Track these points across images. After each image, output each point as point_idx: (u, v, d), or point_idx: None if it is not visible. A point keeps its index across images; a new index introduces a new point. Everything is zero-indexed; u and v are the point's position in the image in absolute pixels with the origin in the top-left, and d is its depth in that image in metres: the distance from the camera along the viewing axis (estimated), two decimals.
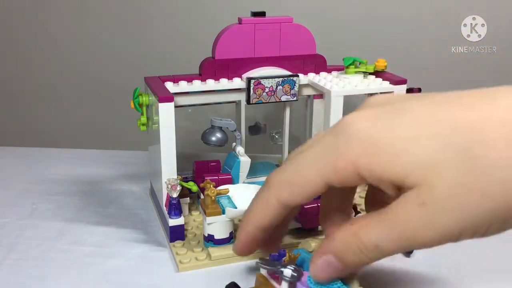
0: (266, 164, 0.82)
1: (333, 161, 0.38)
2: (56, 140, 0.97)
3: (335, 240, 0.41)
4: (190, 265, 0.57)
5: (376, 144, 0.37)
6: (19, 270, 0.57)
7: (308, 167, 0.40)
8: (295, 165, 0.41)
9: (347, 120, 0.39)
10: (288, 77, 0.69)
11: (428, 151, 0.35)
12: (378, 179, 0.37)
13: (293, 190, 0.41)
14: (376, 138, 0.37)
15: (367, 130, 0.38)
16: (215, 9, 0.90)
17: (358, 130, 0.38)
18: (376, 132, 0.37)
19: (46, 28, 0.93)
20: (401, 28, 0.90)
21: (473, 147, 0.34)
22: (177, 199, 0.60)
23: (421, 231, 0.36)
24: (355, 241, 0.39)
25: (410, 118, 0.37)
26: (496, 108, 0.35)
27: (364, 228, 0.39)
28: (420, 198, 0.36)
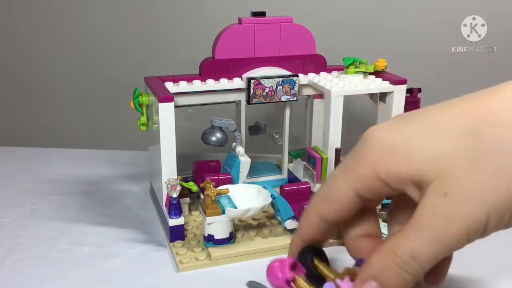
0: (266, 164, 0.82)
1: (357, 170, 0.40)
2: (56, 140, 0.97)
3: (371, 263, 0.40)
4: (190, 265, 0.57)
5: (391, 146, 0.38)
6: (19, 270, 0.57)
7: (339, 180, 0.42)
8: (328, 180, 0.43)
9: (367, 131, 0.41)
10: (288, 77, 0.69)
11: (441, 143, 0.36)
12: (397, 179, 0.38)
13: (329, 205, 0.42)
14: (391, 141, 0.39)
15: (382, 136, 0.40)
16: (215, 9, 0.90)
17: (374, 137, 0.40)
18: (391, 136, 0.39)
19: (46, 28, 0.93)
20: (401, 28, 0.90)
21: (485, 129, 0.35)
22: (177, 199, 0.60)
23: (448, 225, 0.36)
24: (391, 258, 0.38)
25: (422, 118, 0.39)
26: (503, 95, 0.36)
27: (396, 242, 0.38)
28: (440, 190, 0.36)
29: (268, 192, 0.61)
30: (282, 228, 0.63)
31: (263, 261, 0.59)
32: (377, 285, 0.40)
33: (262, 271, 0.57)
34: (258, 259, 0.59)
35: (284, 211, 0.61)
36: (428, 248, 0.37)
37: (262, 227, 0.64)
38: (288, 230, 0.62)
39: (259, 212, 0.60)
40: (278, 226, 0.64)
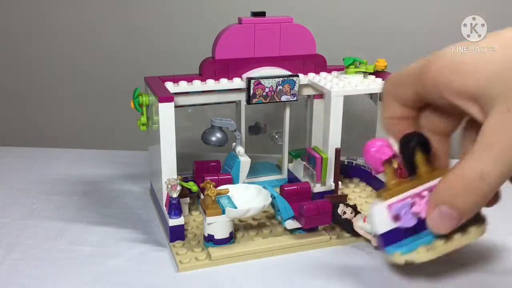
0: (266, 164, 0.82)
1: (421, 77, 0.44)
2: (56, 140, 0.97)
3: (440, 189, 0.42)
4: (190, 265, 0.57)
5: (459, 60, 0.41)
6: (19, 270, 0.57)
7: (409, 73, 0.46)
8: (402, 69, 0.48)
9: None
10: (288, 77, 0.69)
11: (508, 60, 0.38)
12: (456, 92, 0.40)
13: (400, 88, 0.47)
14: (459, 56, 0.41)
15: (450, 52, 0.42)
16: (215, 9, 0.90)
17: (443, 52, 0.43)
18: (459, 53, 0.42)
19: (46, 28, 0.93)
20: (401, 28, 0.90)
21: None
22: (177, 199, 0.60)
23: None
24: (460, 182, 0.40)
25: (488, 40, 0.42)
26: None
27: (463, 165, 0.40)
28: (504, 106, 0.37)
29: (268, 192, 0.61)
30: (282, 228, 0.63)
31: (263, 261, 0.59)
32: (447, 208, 0.42)
33: (263, 271, 0.57)
34: (258, 259, 0.59)
35: (284, 211, 0.61)
36: (495, 166, 0.38)
37: (262, 227, 0.64)
38: (288, 230, 0.62)
39: (259, 212, 0.60)
40: (278, 226, 0.64)
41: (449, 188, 0.42)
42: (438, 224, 0.44)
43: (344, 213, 0.62)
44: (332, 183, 0.69)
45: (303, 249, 0.61)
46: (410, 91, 0.46)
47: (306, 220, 0.60)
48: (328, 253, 0.61)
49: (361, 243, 0.62)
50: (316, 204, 0.60)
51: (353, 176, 0.79)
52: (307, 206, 0.59)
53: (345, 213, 0.62)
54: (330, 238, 0.62)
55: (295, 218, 0.61)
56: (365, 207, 0.70)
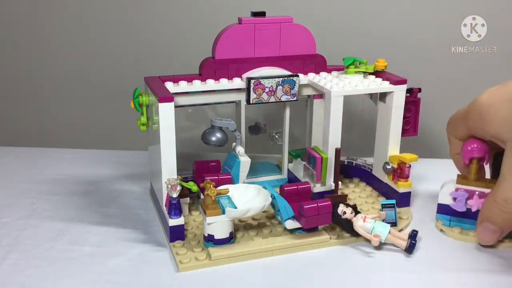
0: (266, 164, 0.82)
1: (467, 120, 0.59)
2: (56, 140, 0.97)
3: (483, 209, 0.58)
4: (190, 265, 0.57)
5: (485, 105, 0.56)
6: (19, 270, 0.57)
7: (459, 115, 0.62)
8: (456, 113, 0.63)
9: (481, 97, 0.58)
10: (288, 77, 0.69)
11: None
12: (486, 134, 0.57)
13: (455, 128, 0.62)
14: (485, 102, 0.56)
15: (482, 100, 0.56)
16: (215, 9, 0.90)
17: (480, 97, 0.57)
18: (485, 101, 0.56)
19: (46, 28, 0.93)
20: (401, 28, 0.90)
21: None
22: (177, 199, 0.60)
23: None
24: (494, 204, 0.55)
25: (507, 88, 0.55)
26: None
27: (494, 191, 0.56)
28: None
29: (268, 192, 0.61)
30: (282, 228, 0.63)
31: (263, 261, 0.59)
32: (489, 224, 0.57)
33: (263, 271, 0.57)
34: (258, 259, 0.59)
35: (284, 211, 0.61)
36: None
37: (262, 227, 0.64)
38: (288, 230, 0.62)
39: (259, 212, 0.60)
40: (278, 226, 0.64)
41: (488, 209, 0.57)
42: (484, 237, 0.58)
43: (344, 213, 0.62)
44: (332, 183, 0.69)
45: (303, 249, 0.61)
46: (463, 129, 0.60)
47: (306, 220, 0.60)
48: (328, 253, 0.61)
49: (361, 243, 0.62)
50: (316, 204, 0.60)
51: (353, 176, 0.79)
52: (307, 206, 0.59)
53: (345, 213, 0.62)
54: (330, 238, 0.62)
55: (295, 218, 0.61)
56: (365, 207, 0.70)
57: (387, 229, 0.61)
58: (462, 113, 0.60)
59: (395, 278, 0.56)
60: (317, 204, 0.60)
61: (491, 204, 0.56)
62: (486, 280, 0.56)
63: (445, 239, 0.64)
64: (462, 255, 0.60)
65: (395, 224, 0.64)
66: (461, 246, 0.62)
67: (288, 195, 0.64)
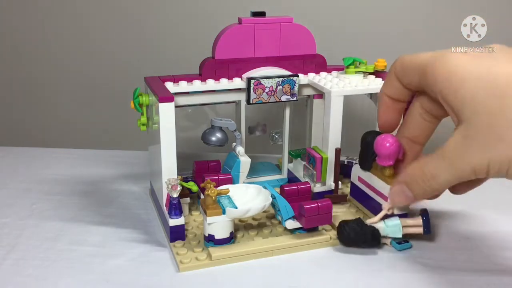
0: (265, 164, 0.82)
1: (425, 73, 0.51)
2: (56, 140, 0.97)
3: (406, 173, 0.54)
4: (190, 265, 0.57)
5: (452, 70, 0.48)
6: (19, 270, 0.57)
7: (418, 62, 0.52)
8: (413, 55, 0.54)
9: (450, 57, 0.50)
10: (288, 77, 0.69)
11: (480, 93, 0.45)
12: (444, 101, 0.49)
13: (407, 72, 0.54)
14: (453, 64, 0.48)
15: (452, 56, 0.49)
16: (215, 9, 0.90)
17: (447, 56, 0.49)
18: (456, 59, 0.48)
19: (46, 28, 0.93)
20: (401, 28, 0.90)
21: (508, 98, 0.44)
22: (178, 199, 0.60)
23: (461, 163, 0.47)
24: (419, 174, 0.52)
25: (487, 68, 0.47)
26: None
27: (425, 162, 0.51)
28: (465, 131, 0.46)
29: (269, 192, 0.61)
30: (282, 228, 0.63)
31: (263, 261, 0.59)
32: (405, 188, 0.54)
33: (263, 270, 0.57)
34: (258, 259, 0.59)
35: (285, 211, 0.61)
36: (444, 174, 0.49)
37: (262, 227, 0.64)
38: (289, 230, 0.62)
39: (260, 212, 0.60)
40: (279, 226, 0.64)
41: (412, 175, 0.53)
42: (396, 197, 0.56)
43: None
44: (332, 183, 0.69)
45: (303, 249, 0.61)
46: (416, 79, 0.53)
47: (307, 220, 0.60)
48: (328, 253, 0.61)
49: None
50: (316, 204, 0.60)
51: None
52: (308, 206, 0.59)
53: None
54: (330, 237, 0.62)
55: (295, 218, 0.61)
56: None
57: (397, 220, 0.60)
58: (421, 64, 0.52)
59: (395, 278, 0.56)
60: (317, 204, 0.60)
61: (417, 172, 0.52)
62: (487, 280, 0.56)
63: (446, 238, 0.64)
64: (463, 255, 0.60)
65: (406, 214, 0.63)
66: (462, 246, 0.62)
67: (288, 195, 0.64)
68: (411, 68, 0.53)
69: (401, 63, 0.55)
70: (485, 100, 0.45)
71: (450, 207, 0.70)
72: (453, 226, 0.67)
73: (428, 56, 0.51)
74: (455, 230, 0.66)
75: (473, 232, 0.65)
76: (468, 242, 0.63)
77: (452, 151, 0.48)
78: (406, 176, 0.54)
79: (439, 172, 0.50)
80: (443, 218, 0.69)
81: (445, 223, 0.67)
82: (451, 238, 0.64)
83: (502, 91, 0.45)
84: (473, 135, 0.46)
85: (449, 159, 0.48)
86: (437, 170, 0.50)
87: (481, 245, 0.62)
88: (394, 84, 0.56)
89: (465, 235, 0.65)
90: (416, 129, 0.57)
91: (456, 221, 0.68)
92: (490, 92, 0.45)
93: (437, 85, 0.49)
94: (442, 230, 0.66)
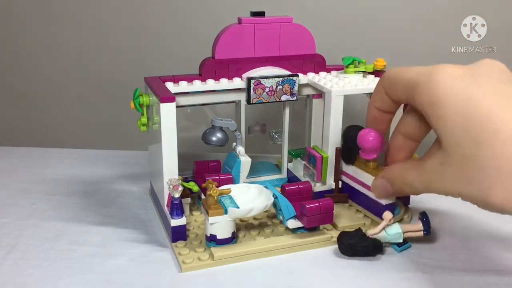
0: (265, 163, 0.82)
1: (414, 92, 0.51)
2: (56, 140, 0.96)
3: (390, 171, 0.58)
4: (193, 265, 0.57)
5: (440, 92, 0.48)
6: (19, 270, 0.57)
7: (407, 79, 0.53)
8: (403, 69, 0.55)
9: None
10: (288, 77, 0.69)
11: (459, 131, 0.46)
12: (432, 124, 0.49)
13: (395, 87, 0.55)
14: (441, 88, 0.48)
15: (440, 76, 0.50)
16: (215, 9, 0.89)
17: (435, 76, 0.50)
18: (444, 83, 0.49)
19: (46, 28, 0.93)
20: (401, 28, 0.90)
21: (484, 140, 0.44)
22: (179, 199, 0.60)
23: (436, 182, 0.50)
24: (400, 177, 0.56)
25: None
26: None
27: (406, 169, 0.55)
28: (442, 159, 0.48)
29: (270, 191, 0.61)
30: (284, 227, 0.63)
31: (265, 261, 0.59)
32: (387, 183, 0.58)
33: (265, 270, 0.57)
34: (260, 258, 0.59)
35: (286, 211, 0.61)
36: (421, 185, 0.53)
37: (264, 227, 0.64)
38: (290, 230, 0.62)
39: (261, 211, 0.60)
40: (280, 225, 0.64)
41: (395, 174, 0.57)
42: (377, 190, 0.61)
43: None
44: (332, 183, 0.69)
45: (305, 248, 0.61)
46: (403, 96, 0.53)
47: (308, 219, 0.60)
48: (329, 252, 0.61)
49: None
50: (318, 203, 0.60)
51: None
52: (309, 206, 0.59)
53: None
54: (331, 237, 0.62)
55: (297, 218, 0.61)
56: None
57: (398, 227, 0.60)
58: (410, 81, 0.52)
59: (396, 277, 0.56)
60: (319, 203, 0.60)
61: (398, 175, 0.56)
62: (487, 280, 0.56)
63: (446, 238, 0.64)
64: (463, 255, 0.60)
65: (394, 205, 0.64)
66: (463, 246, 0.62)
67: (289, 194, 0.64)
68: (399, 85, 0.54)
69: (388, 79, 0.55)
70: (463, 140, 0.46)
71: (450, 207, 0.70)
72: (453, 226, 0.67)
73: (414, 74, 0.52)
74: (455, 230, 0.66)
75: (473, 232, 0.65)
76: (468, 242, 0.63)
77: (429, 171, 0.51)
78: (388, 174, 0.58)
79: (415, 183, 0.53)
80: (443, 218, 0.69)
81: (445, 223, 0.68)
82: (451, 238, 0.64)
83: (476, 137, 0.45)
84: (449, 167, 0.48)
85: (425, 176, 0.51)
86: (414, 181, 0.53)
87: (481, 245, 0.63)
88: (383, 98, 0.57)
89: (465, 235, 0.65)
90: (412, 127, 0.57)
91: (456, 221, 0.68)
92: (467, 135, 0.45)
93: (422, 108, 0.50)
94: (442, 230, 0.66)
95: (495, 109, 0.45)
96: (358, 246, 0.59)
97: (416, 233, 0.61)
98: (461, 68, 0.50)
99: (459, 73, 0.49)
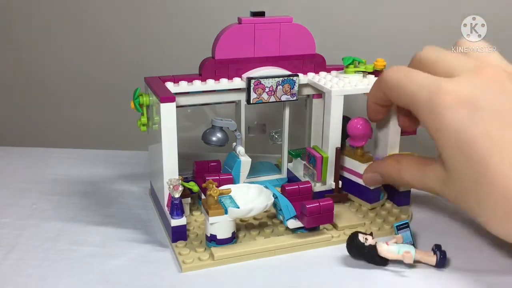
0: (265, 163, 0.82)
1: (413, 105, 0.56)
2: (56, 140, 0.96)
3: (384, 167, 0.64)
4: (193, 265, 0.57)
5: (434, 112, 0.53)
6: (19, 270, 0.57)
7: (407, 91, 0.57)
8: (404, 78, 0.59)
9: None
10: (288, 77, 0.69)
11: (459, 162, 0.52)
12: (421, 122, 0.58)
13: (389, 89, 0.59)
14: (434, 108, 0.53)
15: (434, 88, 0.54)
16: (215, 9, 0.90)
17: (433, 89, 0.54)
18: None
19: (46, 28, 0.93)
20: (401, 28, 0.90)
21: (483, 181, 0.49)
22: (179, 199, 0.60)
23: (439, 193, 0.57)
24: (397, 175, 0.62)
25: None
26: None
27: (405, 170, 0.61)
28: (445, 178, 0.54)
29: (270, 191, 0.61)
30: (284, 227, 0.63)
31: (265, 261, 0.59)
32: (378, 176, 0.65)
33: (265, 270, 0.57)
34: (260, 258, 0.59)
35: (286, 211, 0.61)
36: (419, 186, 0.60)
37: (264, 227, 0.64)
38: (290, 230, 0.62)
39: (262, 211, 0.60)
40: (280, 225, 0.64)
41: (391, 172, 0.62)
42: (367, 179, 0.66)
43: (366, 239, 0.58)
44: (333, 183, 0.69)
45: (305, 248, 0.61)
46: (404, 105, 0.58)
47: (308, 219, 0.60)
48: (330, 252, 0.61)
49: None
50: (318, 203, 0.60)
51: None
52: (310, 206, 0.59)
53: (367, 239, 0.58)
54: (332, 237, 0.62)
55: (297, 218, 0.61)
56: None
57: (413, 249, 0.57)
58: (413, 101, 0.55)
59: (396, 277, 0.56)
60: (319, 203, 0.60)
61: (394, 172, 0.62)
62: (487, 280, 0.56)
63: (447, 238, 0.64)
64: (463, 254, 0.60)
65: (413, 244, 0.59)
66: (463, 245, 0.62)
67: (289, 194, 0.64)
68: (399, 95, 0.57)
69: (387, 87, 0.59)
70: (464, 175, 0.51)
71: (450, 206, 0.70)
72: (453, 226, 0.67)
73: (415, 89, 0.55)
74: (455, 230, 0.66)
75: (473, 232, 0.65)
76: (468, 242, 0.63)
77: (432, 183, 0.56)
78: (383, 170, 0.63)
79: (414, 184, 0.60)
80: (443, 218, 0.69)
81: (446, 223, 0.68)
82: (451, 238, 0.64)
83: (476, 175, 0.50)
84: (450, 188, 0.54)
85: (427, 184, 0.57)
86: (413, 182, 0.60)
87: (481, 245, 0.62)
88: (381, 96, 0.60)
89: (465, 235, 0.65)
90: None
91: (457, 221, 0.68)
92: (467, 172, 0.51)
93: (427, 127, 0.54)
94: (443, 230, 0.66)
95: (493, 151, 0.49)
96: (365, 248, 0.57)
97: (426, 258, 0.57)
98: (461, 95, 0.52)
99: (460, 103, 0.51)
